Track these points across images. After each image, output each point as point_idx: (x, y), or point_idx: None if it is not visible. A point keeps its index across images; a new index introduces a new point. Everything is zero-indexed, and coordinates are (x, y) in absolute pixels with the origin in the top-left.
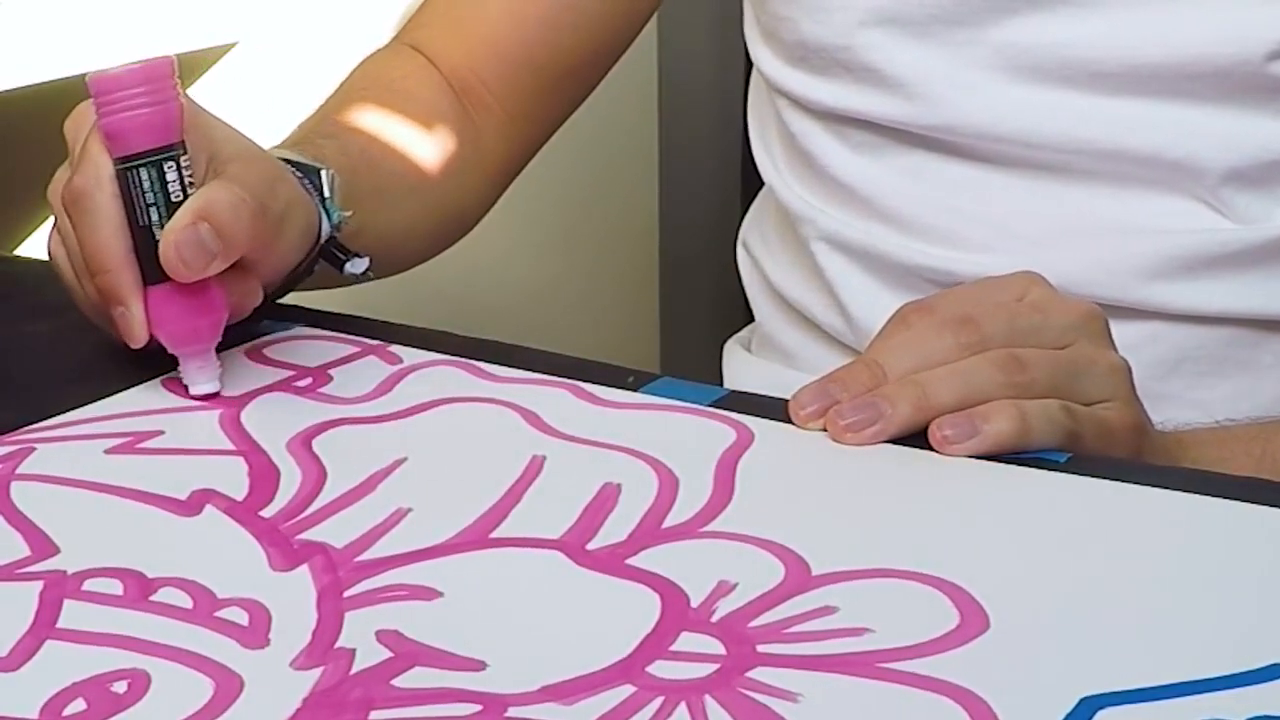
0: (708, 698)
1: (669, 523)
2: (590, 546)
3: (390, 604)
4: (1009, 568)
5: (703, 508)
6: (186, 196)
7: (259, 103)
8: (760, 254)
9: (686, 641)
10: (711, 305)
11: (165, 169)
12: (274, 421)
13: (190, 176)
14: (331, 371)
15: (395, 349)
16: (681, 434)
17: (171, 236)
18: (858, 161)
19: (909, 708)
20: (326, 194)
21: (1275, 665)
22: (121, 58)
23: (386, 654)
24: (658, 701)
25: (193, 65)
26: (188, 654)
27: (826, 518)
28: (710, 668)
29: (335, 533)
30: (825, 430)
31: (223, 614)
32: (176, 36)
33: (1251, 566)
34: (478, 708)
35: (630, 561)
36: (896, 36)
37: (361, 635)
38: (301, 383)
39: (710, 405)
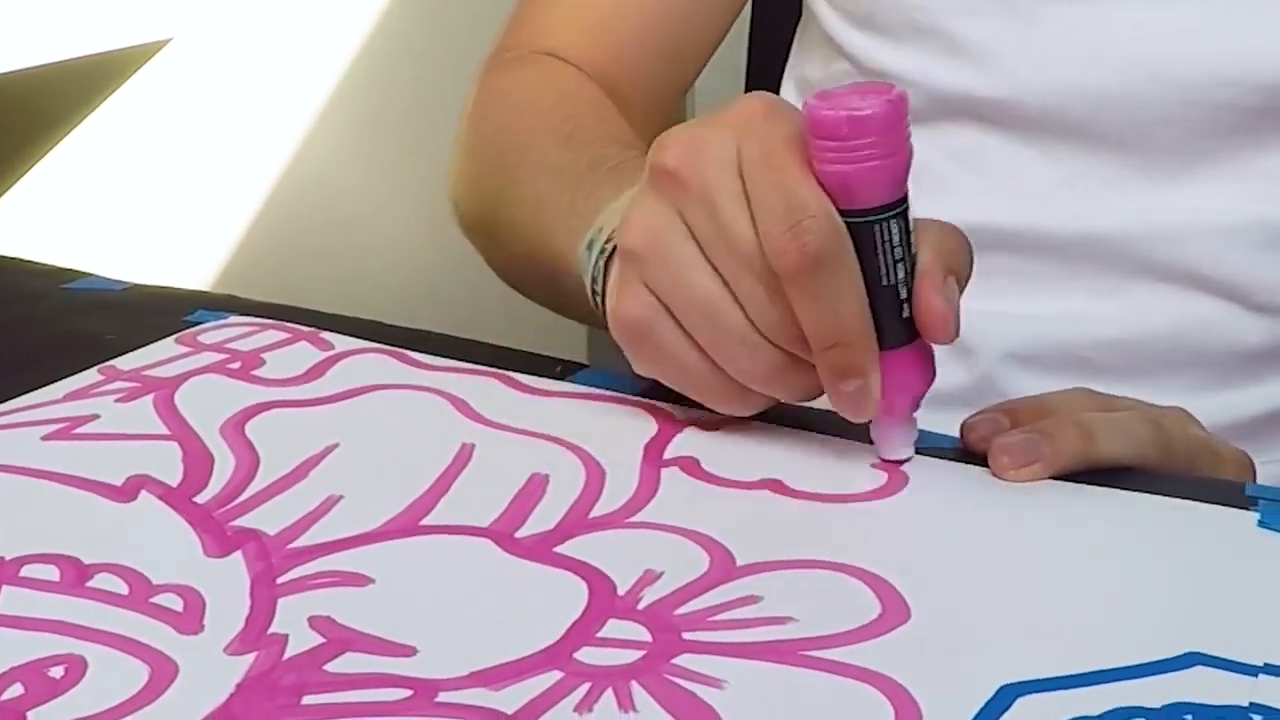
0: (634, 684)
1: (596, 512)
2: (519, 534)
3: (322, 590)
4: (930, 561)
5: (629, 498)
6: (911, 249)
7: (193, 99)
8: None
9: (613, 628)
10: None
11: (909, 220)
12: (207, 404)
13: (911, 225)
14: (264, 355)
15: (327, 336)
16: (609, 423)
17: (939, 298)
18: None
19: (832, 694)
20: None
21: (1189, 654)
22: (54, 54)
23: (319, 640)
24: (585, 687)
25: (126, 62)
26: (123, 639)
27: (750, 509)
28: (637, 654)
29: (268, 519)
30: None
31: (158, 600)
32: (110, 33)
33: (1163, 559)
34: (408, 693)
35: (558, 549)
36: (974, 2)
37: (294, 621)
38: (233, 365)
39: (637, 395)
